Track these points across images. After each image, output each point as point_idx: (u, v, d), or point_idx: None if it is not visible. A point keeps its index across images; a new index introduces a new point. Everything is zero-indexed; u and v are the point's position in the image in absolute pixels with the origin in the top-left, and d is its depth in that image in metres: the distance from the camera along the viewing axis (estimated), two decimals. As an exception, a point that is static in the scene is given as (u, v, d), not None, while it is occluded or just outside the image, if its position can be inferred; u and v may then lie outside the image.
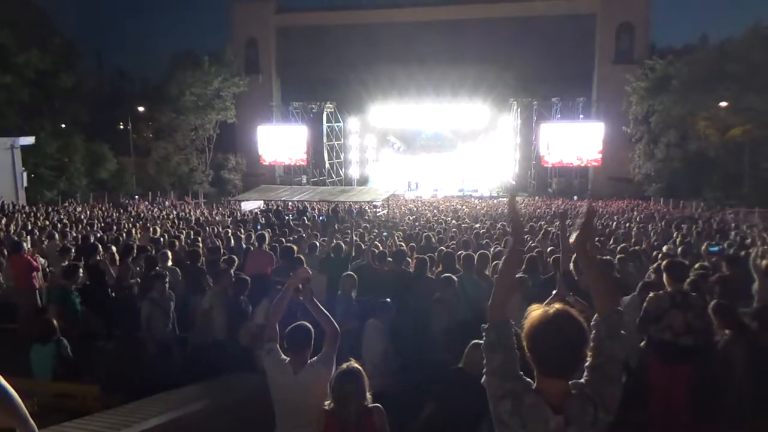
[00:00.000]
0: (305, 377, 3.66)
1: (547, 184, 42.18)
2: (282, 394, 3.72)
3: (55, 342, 5.66)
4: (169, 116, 39.71)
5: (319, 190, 29.01)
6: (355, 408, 3.27)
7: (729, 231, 15.90)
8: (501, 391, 2.14)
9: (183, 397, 4.80)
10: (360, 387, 3.31)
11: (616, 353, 2.17)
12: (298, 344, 3.73)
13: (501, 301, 2.31)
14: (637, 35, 42.09)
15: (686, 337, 4.93)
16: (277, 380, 3.73)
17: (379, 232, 13.53)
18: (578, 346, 2.10)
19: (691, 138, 36.45)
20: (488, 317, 2.28)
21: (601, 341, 2.18)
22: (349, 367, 3.37)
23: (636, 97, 37.18)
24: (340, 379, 3.33)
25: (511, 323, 2.27)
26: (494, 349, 2.21)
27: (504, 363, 2.17)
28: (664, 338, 4.98)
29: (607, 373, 2.13)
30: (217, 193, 40.80)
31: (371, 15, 45.17)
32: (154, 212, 24.20)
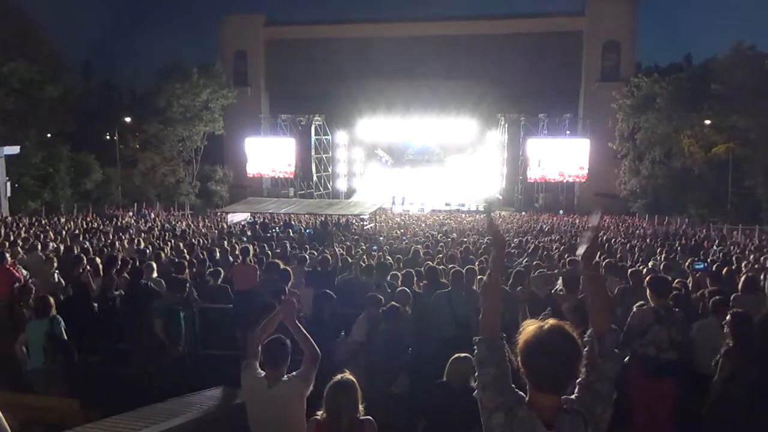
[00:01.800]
0: (280, 391, 3.69)
1: (534, 199, 42.48)
2: (255, 408, 3.74)
3: (50, 320, 5.86)
4: (157, 127, 39.58)
5: (306, 203, 29.02)
6: (347, 420, 3.26)
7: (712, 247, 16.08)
8: (493, 404, 2.14)
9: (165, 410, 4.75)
10: (352, 399, 3.30)
11: (608, 371, 2.18)
12: (273, 359, 3.76)
13: (490, 315, 2.32)
14: (622, 54, 42.73)
15: (669, 351, 4.98)
16: (252, 394, 3.76)
17: (369, 246, 13.54)
18: (572, 363, 2.11)
19: (676, 155, 37.00)
20: (480, 331, 2.29)
21: (594, 359, 2.19)
22: (343, 379, 3.36)
23: (622, 114, 37.68)
24: (332, 391, 3.32)
25: (502, 337, 2.28)
26: (486, 363, 2.21)
27: (496, 377, 2.18)
28: (647, 353, 5.03)
29: (598, 391, 2.14)
30: (204, 204, 40.59)
31: (360, 29, 45.50)
32: (140, 223, 24.02)
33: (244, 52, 47.18)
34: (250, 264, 8.89)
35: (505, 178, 43.77)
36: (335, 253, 10.80)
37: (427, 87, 42.12)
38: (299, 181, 45.06)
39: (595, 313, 2.30)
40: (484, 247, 13.89)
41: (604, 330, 2.24)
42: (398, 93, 42.48)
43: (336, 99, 42.89)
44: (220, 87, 41.91)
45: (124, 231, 19.36)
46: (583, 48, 43.01)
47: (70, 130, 36.44)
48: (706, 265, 10.07)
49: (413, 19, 45.99)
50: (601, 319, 2.27)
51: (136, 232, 18.76)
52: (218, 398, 5.30)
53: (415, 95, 42.39)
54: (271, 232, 20.57)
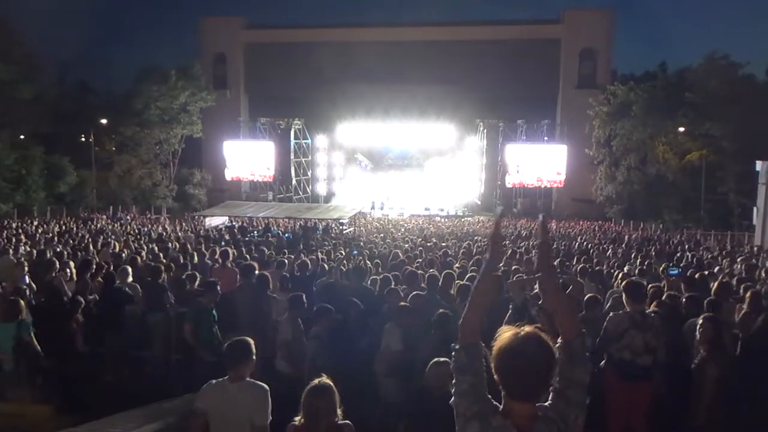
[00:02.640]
0: (239, 390, 3.71)
1: (512, 204, 42.83)
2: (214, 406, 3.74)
3: (17, 323, 5.85)
4: (133, 129, 39.06)
5: (285, 207, 28.89)
6: (325, 424, 3.24)
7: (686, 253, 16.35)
8: (469, 412, 2.12)
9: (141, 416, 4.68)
10: (331, 403, 3.28)
11: (580, 377, 2.17)
12: (231, 358, 3.79)
13: (473, 322, 2.28)
14: (599, 61, 43.35)
15: (645, 356, 5.05)
16: (212, 392, 3.78)
17: (350, 251, 13.51)
18: (546, 370, 2.08)
19: (651, 161, 37.61)
20: (459, 339, 2.26)
21: (563, 365, 2.17)
22: (321, 383, 3.34)
23: (598, 121, 38.20)
24: (311, 395, 3.30)
25: (482, 345, 2.26)
26: (464, 371, 2.19)
27: (473, 385, 2.16)
28: (623, 357, 5.09)
29: (571, 398, 2.13)
30: (181, 208, 40.13)
31: (340, 33, 45.49)
32: (115, 227, 23.67)
33: (223, 55, 46.86)
34: (231, 267, 8.79)
35: (484, 184, 44.10)
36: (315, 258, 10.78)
37: (406, 92, 42.25)
38: (278, 185, 44.84)
39: (562, 320, 2.27)
40: (463, 252, 13.96)
41: (572, 335, 2.21)
42: (378, 97, 42.55)
43: (316, 103, 42.81)
44: (198, 89, 41.55)
45: (99, 234, 19.05)
46: (560, 55, 43.54)
47: (44, 131, 35.82)
48: (680, 270, 10.25)
49: (394, 24, 46.17)
50: (570, 325, 2.24)
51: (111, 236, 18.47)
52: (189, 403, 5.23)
53: (394, 100, 42.51)
54: (249, 236, 20.41)
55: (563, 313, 2.29)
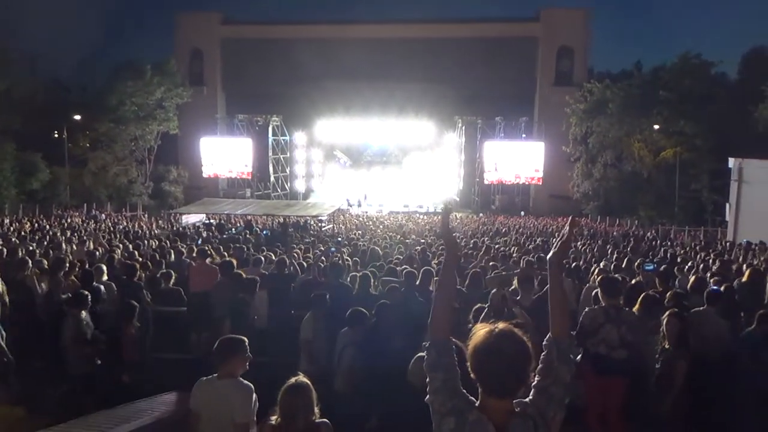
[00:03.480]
0: (224, 388, 3.75)
1: (491, 200, 43.11)
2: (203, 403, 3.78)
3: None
4: (108, 126, 38.46)
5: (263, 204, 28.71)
6: (303, 423, 3.21)
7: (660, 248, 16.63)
8: (444, 408, 2.14)
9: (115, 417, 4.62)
10: (308, 401, 3.26)
11: (563, 376, 2.20)
12: (219, 354, 3.83)
13: (440, 319, 2.31)
14: (576, 59, 43.82)
15: (620, 350, 5.12)
16: (201, 390, 3.82)
17: (327, 248, 13.49)
18: (522, 367, 2.10)
19: (627, 159, 38.17)
20: (430, 336, 2.28)
21: (551, 362, 2.21)
22: (298, 381, 3.30)
23: (575, 118, 38.62)
24: (288, 393, 3.26)
25: (452, 342, 2.27)
26: (435, 368, 2.21)
27: (445, 381, 2.18)
28: (599, 351, 5.16)
29: (553, 395, 2.16)
30: (157, 205, 39.63)
31: (318, 30, 45.33)
32: (90, 225, 23.29)
33: (200, 51, 46.37)
34: (210, 265, 8.66)
35: (462, 180, 44.31)
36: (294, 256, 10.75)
37: (385, 89, 42.24)
38: (256, 181, 44.52)
39: (556, 318, 2.32)
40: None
41: (563, 335, 2.26)
42: (357, 94, 42.47)
43: (294, 100, 42.60)
44: (174, 86, 41.06)
45: (73, 232, 18.73)
46: (538, 53, 43.92)
47: (15, 127, 35.02)
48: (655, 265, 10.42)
49: (373, 21, 46.13)
50: (561, 324, 2.29)
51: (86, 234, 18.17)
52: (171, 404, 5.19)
53: (373, 97, 42.46)
54: (227, 233, 20.25)
55: (560, 313, 2.33)
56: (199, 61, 46.61)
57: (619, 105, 36.12)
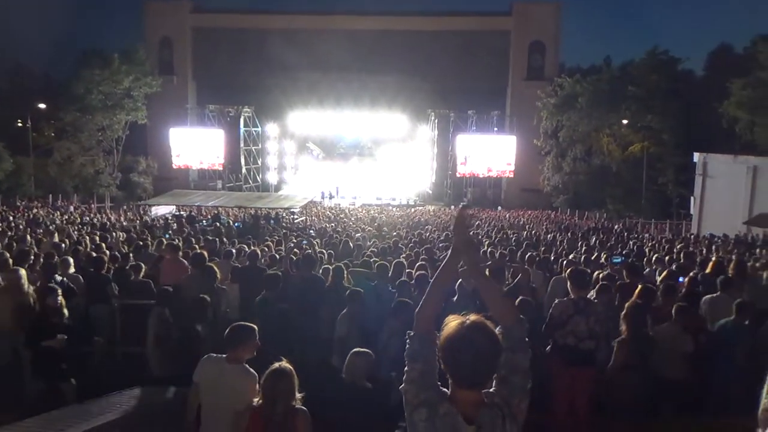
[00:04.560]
0: (232, 372, 3.87)
1: (463, 193, 43.38)
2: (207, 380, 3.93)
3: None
4: (74, 115, 37.55)
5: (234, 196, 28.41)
6: (282, 407, 3.33)
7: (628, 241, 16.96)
8: (417, 400, 2.15)
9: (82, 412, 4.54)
10: (289, 387, 3.38)
11: (519, 363, 2.21)
12: (230, 339, 3.96)
13: (429, 311, 2.32)
14: (547, 54, 44.25)
15: (588, 341, 5.22)
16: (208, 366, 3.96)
17: (299, 241, 13.41)
18: (491, 358, 2.12)
19: (596, 153, 38.77)
20: (414, 326, 2.29)
21: (505, 352, 2.21)
22: (281, 367, 3.42)
23: (546, 112, 39.05)
24: (270, 378, 3.39)
25: (436, 335, 2.28)
26: (416, 358, 2.22)
27: (423, 373, 2.19)
28: (567, 343, 5.24)
29: (514, 384, 2.18)
30: (126, 197, 38.91)
31: (291, 20, 44.86)
32: (55, 216, 22.75)
33: (169, 39, 45.51)
34: (182, 261, 8.48)
35: (435, 173, 44.50)
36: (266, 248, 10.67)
37: (358, 81, 42.09)
38: (227, 173, 44.01)
39: (497, 307, 2.33)
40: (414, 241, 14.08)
41: (510, 322, 2.26)
42: (330, 86, 42.24)
43: (266, 90, 42.18)
44: (143, 75, 40.25)
45: (38, 224, 18.28)
46: (510, 47, 44.21)
47: (-25, 115, 34.07)
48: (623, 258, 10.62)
49: (347, 13, 45.77)
50: (504, 312, 2.30)
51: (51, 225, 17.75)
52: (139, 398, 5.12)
53: (347, 88, 42.28)
54: (198, 225, 19.98)
55: (494, 301, 2.35)
56: (168, 49, 45.77)
57: (588, 100, 36.64)
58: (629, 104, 35.17)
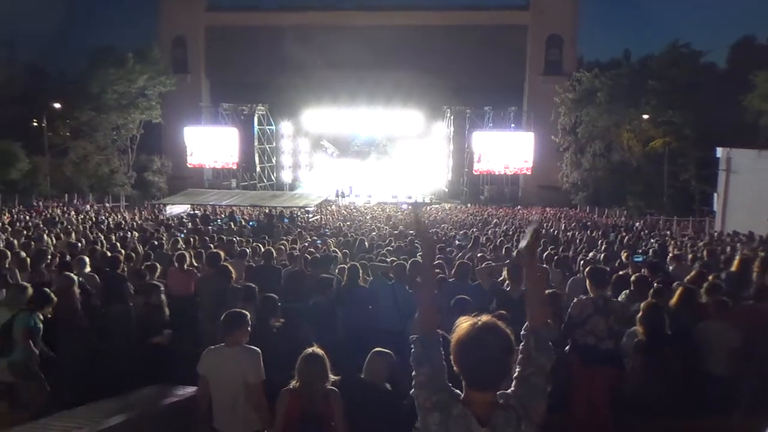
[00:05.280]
0: (233, 354, 4.14)
1: (479, 191, 43.23)
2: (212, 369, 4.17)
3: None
4: (89, 114, 38.02)
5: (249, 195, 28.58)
6: (317, 389, 3.65)
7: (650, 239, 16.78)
8: (429, 403, 2.17)
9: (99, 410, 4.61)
10: (324, 370, 3.69)
11: (543, 364, 2.23)
12: (227, 326, 4.23)
13: (428, 313, 2.35)
14: (565, 48, 43.92)
15: (607, 341, 5.18)
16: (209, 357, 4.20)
17: (314, 239, 13.47)
18: (504, 359, 2.13)
19: (615, 148, 38.38)
20: (417, 330, 2.32)
21: (529, 352, 2.23)
22: (314, 351, 3.73)
23: (564, 108, 38.75)
24: (306, 361, 3.70)
25: (439, 335, 2.29)
26: (421, 362, 2.24)
27: (431, 376, 2.20)
28: (587, 342, 5.21)
29: (534, 384, 2.19)
30: (141, 196, 39.34)
31: (305, 17, 45.00)
32: (71, 215, 23.06)
33: (183, 38, 45.90)
34: (190, 270, 8.43)
35: (451, 171, 44.38)
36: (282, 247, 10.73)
37: (373, 77, 42.10)
38: (242, 172, 44.29)
39: (533, 308, 2.34)
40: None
41: (540, 324, 2.29)
42: (344, 83, 42.29)
43: (280, 88, 42.38)
44: (157, 73, 40.63)
45: (54, 223, 18.54)
46: (527, 42, 43.95)
47: (-8, 115, 34.58)
48: (645, 256, 10.52)
49: (360, 9, 45.82)
50: (539, 314, 2.32)
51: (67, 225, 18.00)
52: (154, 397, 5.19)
53: (361, 86, 42.31)
54: (212, 224, 20.15)
55: (538, 302, 2.36)
56: (182, 48, 46.17)
57: (607, 94, 36.30)
58: (650, 99, 34.76)
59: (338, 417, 3.69)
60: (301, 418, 3.63)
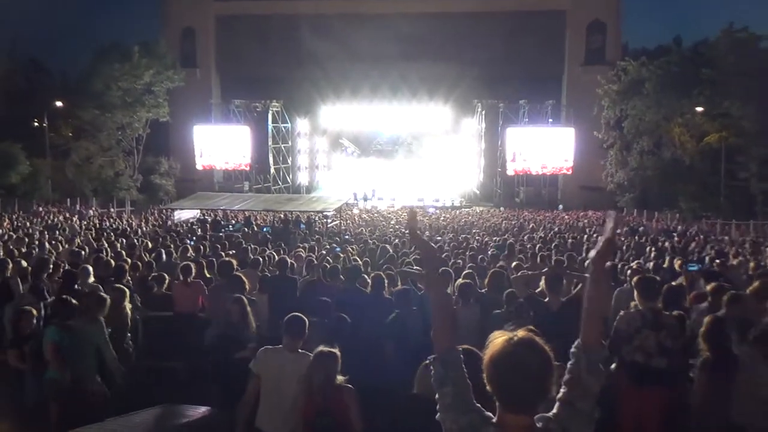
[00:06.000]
0: (295, 359, 4.52)
1: (514, 193, 42.96)
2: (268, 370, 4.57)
3: None
4: (92, 113, 38.69)
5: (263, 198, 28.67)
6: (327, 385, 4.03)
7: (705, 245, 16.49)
8: (457, 426, 2.14)
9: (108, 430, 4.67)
10: (336, 368, 4.10)
11: (592, 388, 2.18)
12: (291, 331, 4.62)
13: (441, 328, 2.32)
14: (608, 35, 43.50)
15: (658, 358, 5.10)
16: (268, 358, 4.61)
17: (331, 247, 13.52)
18: (543, 379, 2.09)
19: (666, 145, 37.86)
20: (434, 349, 2.29)
21: (578, 373, 2.18)
22: (329, 350, 4.12)
23: (607, 100, 38.38)
24: (321, 359, 4.08)
25: (459, 351, 2.27)
26: (444, 383, 2.21)
27: (456, 396, 2.18)
28: (635, 360, 5.14)
29: (580, 409, 2.14)
30: (147, 200, 39.94)
31: (322, 6, 45.15)
32: (74, 221, 23.51)
33: (192, 30, 46.46)
34: (196, 282, 8.45)
35: (483, 171, 44.15)
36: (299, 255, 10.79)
37: (396, 70, 42.16)
38: (255, 174, 44.63)
39: (590, 325, 2.27)
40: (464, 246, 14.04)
41: (595, 343, 2.22)
42: (365, 76, 42.45)
43: (296, 83, 42.61)
44: (164, 68, 41.20)
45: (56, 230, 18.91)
46: (566, 29, 43.62)
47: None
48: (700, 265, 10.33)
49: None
50: (594, 332, 2.25)
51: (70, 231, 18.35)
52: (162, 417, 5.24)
53: (383, 79, 42.41)
54: (224, 230, 20.36)
55: (595, 319, 2.30)
56: (191, 41, 46.73)
57: (656, 85, 35.85)
58: (703, 89, 34.24)
59: (354, 412, 4.07)
60: (317, 414, 4.02)
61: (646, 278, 5.81)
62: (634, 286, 5.68)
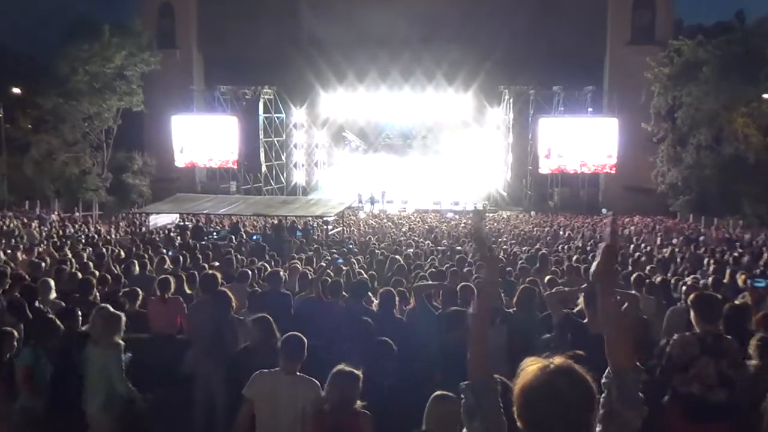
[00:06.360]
0: (292, 383, 4.75)
1: (547, 195, 42.85)
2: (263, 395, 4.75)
3: None
4: (55, 101, 38.77)
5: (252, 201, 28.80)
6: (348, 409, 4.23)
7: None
8: None
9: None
10: (356, 390, 4.28)
11: (631, 421, 2.18)
12: (289, 352, 4.81)
13: (478, 354, 2.34)
14: (658, 10, 43.46)
15: (718, 390, 5.07)
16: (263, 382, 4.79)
17: (332, 258, 13.53)
18: (583, 414, 2.08)
19: (727, 138, 37.65)
20: (468, 376, 2.31)
21: (611, 405, 2.19)
22: (348, 370, 4.32)
23: (658, 86, 38.24)
24: (339, 379, 4.31)
25: (496, 382, 2.28)
26: (473, 415, 2.23)
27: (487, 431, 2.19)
28: (691, 392, 5.11)
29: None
30: (118, 203, 40.13)
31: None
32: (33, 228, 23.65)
33: (170, 6, 46.69)
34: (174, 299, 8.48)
35: (511, 169, 44.13)
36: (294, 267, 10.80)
37: (409, 52, 42.21)
38: (244, 172, 44.77)
39: (614, 347, 2.29)
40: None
41: (626, 368, 2.24)
42: (372, 60, 42.51)
43: (291, 67, 42.71)
44: (139, 49, 41.26)
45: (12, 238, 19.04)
46: (608, 3, 43.56)
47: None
48: None
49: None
50: (621, 354, 2.26)
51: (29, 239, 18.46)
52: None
53: (393, 63, 42.47)
54: (207, 238, 20.41)
55: (620, 338, 2.31)
56: (170, 18, 46.95)
57: (715, 68, 35.68)
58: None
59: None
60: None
61: (704, 296, 5.79)
62: (690, 305, 5.64)
